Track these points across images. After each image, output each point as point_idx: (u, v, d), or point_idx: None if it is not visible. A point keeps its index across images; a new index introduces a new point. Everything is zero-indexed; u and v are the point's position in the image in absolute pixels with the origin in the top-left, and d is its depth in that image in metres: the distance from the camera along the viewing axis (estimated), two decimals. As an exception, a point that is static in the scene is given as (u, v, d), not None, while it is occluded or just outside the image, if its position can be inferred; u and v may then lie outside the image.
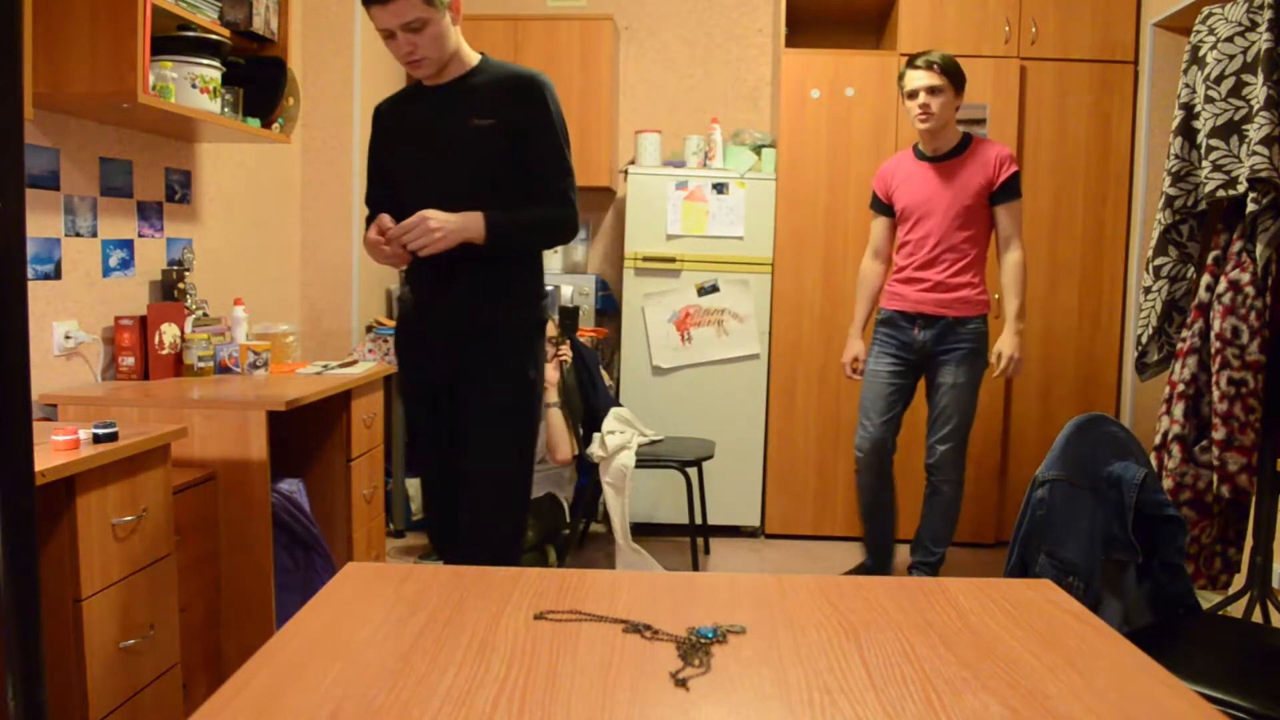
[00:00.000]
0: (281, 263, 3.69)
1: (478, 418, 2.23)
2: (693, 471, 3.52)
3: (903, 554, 3.46)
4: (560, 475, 3.42)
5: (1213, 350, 2.50)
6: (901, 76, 3.20)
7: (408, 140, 2.27)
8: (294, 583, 2.59)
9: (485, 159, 2.19)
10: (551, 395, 3.22)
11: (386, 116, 2.36)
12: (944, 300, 3.19)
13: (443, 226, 2.08)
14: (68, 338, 2.48)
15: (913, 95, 3.14)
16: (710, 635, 1.01)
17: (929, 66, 3.10)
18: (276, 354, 2.99)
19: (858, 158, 3.94)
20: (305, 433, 2.86)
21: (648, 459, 3.41)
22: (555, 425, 3.22)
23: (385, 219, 2.11)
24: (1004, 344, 3.19)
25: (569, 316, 3.65)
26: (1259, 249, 2.44)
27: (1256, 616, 2.56)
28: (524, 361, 2.25)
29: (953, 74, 3.12)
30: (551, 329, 3.32)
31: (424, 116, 2.24)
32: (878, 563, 3.44)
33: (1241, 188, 2.43)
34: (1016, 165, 3.18)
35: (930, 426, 3.27)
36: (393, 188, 2.30)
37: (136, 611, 1.95)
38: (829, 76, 3.95)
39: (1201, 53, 2.60)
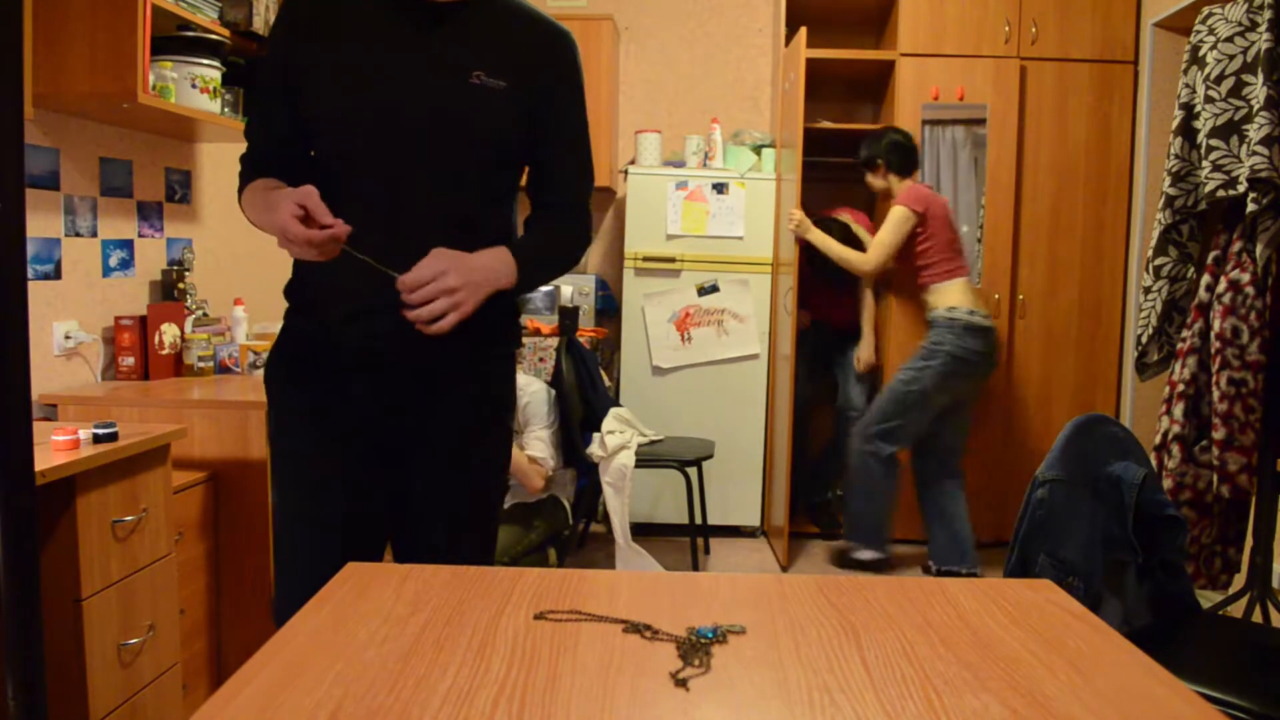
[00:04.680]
0: (282, 262, 3.68)
1: (449, 489, 1.57)
2: (693, 471, 3.52)
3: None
4: (561, 476, 3.42)
5: (1213, 350, 2.50)
6: None
7: (356, 75, 1.40)
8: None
9: (485, 136, 1.44)
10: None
11: (319, 16, 1.44)
12: None
13: (465, 286, 1.32)
14: (68, 338, 2.48)
15: None
16: (710, 635, 1.01)
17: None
18: (276, 354, 2.99)
19: (858, 158, 3.94)
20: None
21: (648, 459, 3.41)
22: (520, 460, 3.12)
23: (317, 201, 1.27)
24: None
25: (569, 316, 3.65)
26: (1259, 249, 2.44)
27: (1256, 616, 2.56)
28: (505, 408, 1.64)
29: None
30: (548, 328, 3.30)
31: (394, 47, 1.40)
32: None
33: (1241, 188, 2.43)
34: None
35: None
36: (298, 140, 1.48)
37: (136, 611, 1.95)
38: (829, 76, 3.96)
39: (1201, 53, 2.59)
